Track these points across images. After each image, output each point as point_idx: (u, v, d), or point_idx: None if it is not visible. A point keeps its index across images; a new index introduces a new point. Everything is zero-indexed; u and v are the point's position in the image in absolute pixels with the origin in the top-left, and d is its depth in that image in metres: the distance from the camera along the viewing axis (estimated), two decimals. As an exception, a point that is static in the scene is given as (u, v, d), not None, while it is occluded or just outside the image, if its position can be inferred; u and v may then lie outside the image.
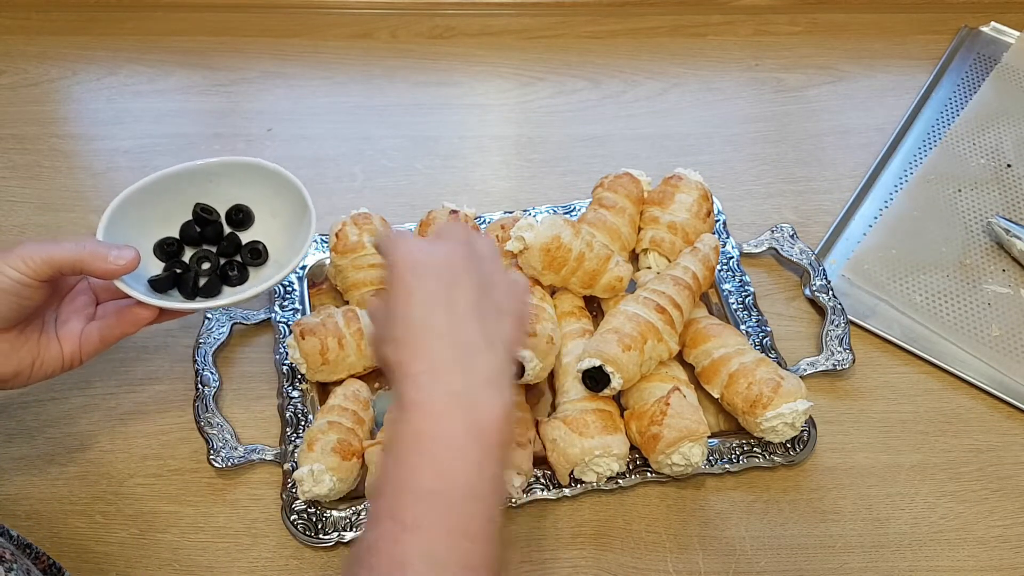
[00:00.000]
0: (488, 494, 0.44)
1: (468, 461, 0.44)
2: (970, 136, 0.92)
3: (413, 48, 1.02)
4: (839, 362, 0.73)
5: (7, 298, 0.55)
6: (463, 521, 0.43)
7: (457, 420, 0.44)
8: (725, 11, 1.06)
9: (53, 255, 0.55)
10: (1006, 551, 0.65)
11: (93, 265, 0.56)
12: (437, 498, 0.43)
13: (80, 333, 0.61)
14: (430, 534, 0.42)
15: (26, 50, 0.99)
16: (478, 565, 0.43)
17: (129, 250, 0.58)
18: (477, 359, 0.46)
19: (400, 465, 0.44)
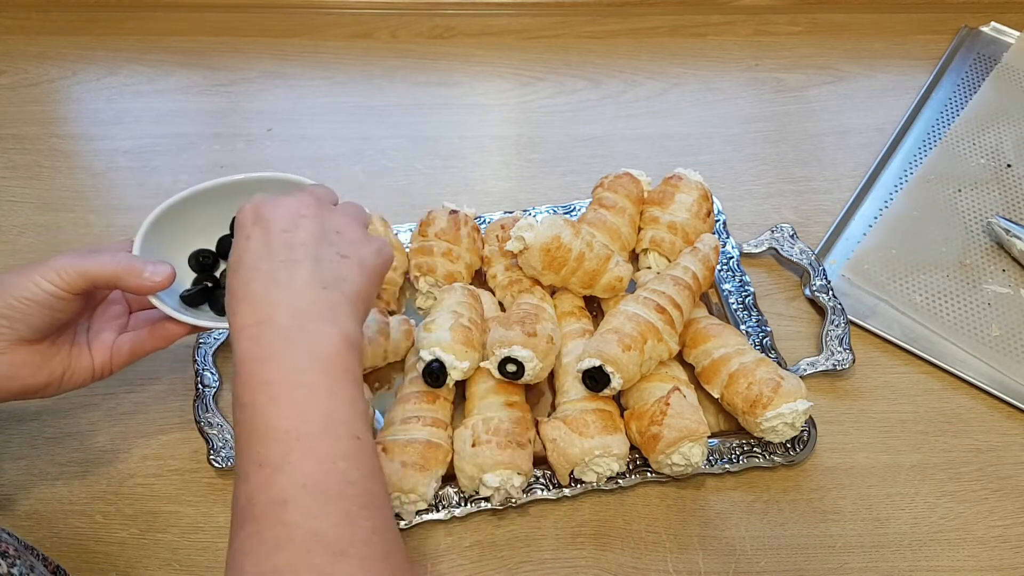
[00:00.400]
0: (349, 417, 0.45)
1: (318, 392, 0.45)
2: (970, 136, 0.92)
3: (413, 48, 1.02)
4: (839, 362, 0.73)
5: (40, 310, 0.55)
6: (329, 446, 0.44)
7: (298, 359, 0.46)
8: (725, 11, 1.06)
9: (88, 269, 0.55)
10: (1006, 551, 0.65)
11: (128, 281, 0.56)
12: (298, 433, 0.44)
13: (112, 344, 0.61)
14: (301, 466, 0.43)
15: (26, 50, 0.99)
16: (356, 479, 0.44)
17: (165, 266, 0.57)
18: (307, 297, 0.48)
19: (255, 415, 0.45)
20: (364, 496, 0.44)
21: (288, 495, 0.43)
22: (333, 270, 0.50)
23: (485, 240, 0.78)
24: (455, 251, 0.74)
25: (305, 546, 0.41)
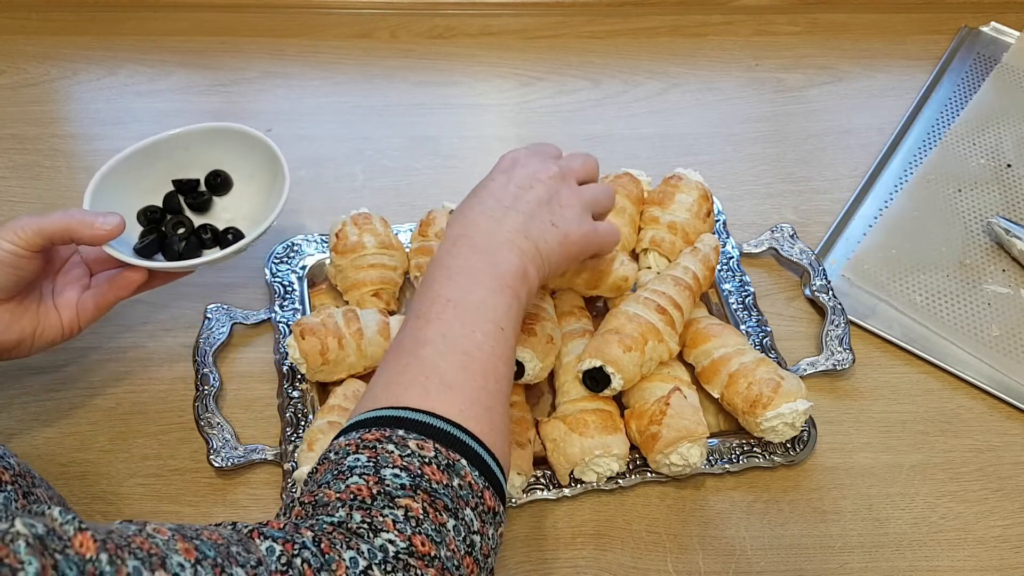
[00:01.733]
0: (501, 313, 0.53)
1: (484, 287, 0.53)
2: (970, 136, 0.92)
3: (413, 48, 1.02)
4: (839, 362, 0.73)
5: (3, 269, 0.58)
6: (475, 320, 0.52)
7: (477, 260, 0.54)
8: (725, 11, 1.06)
9: (43, 225, 0.58)
10: (1006, 551, 0.65)
11: (81, 232, 0.59)
12: (455, 303, 0.52)
13: (76, 302, 0.64)
14: (447, 322, 0.52)
15: (26, 50, 0.99)
16: (487, 350, 0.51)
17: (114, 216, 0.61)
18: (507, 235, 0.56)
19: (431, 285, 0.54)
20: (488, 364, 0.51)
21: (428, 338, 0.51)
22: (541, 229, 0.57)
23: (485, 240, 0.78)
24: (455, 251, 0.74)
25: (424, 373, 0.49)
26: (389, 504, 0.43)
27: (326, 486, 0.44)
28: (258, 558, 0.38)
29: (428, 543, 0.42)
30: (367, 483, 0.43)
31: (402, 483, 0.43)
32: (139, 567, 0.31)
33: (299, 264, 0.78)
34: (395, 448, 0.45)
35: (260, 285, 0.77)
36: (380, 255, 0.73)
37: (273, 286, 0.76)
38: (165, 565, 0.33)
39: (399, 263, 0.75)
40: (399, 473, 0.44)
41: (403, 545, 0.41)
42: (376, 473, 0.44)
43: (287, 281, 0.76)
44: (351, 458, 0.45)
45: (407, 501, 0.43)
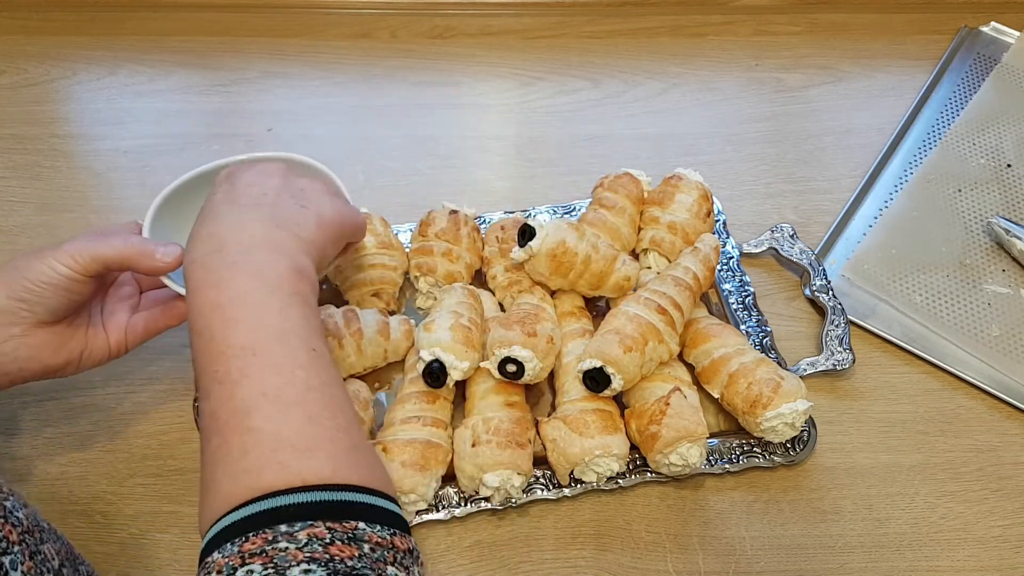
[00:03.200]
0: (302, 330, 0.47)
1: (269, 310, 0.47)
2: (970, 136, 0.92)
3: (413, 48, 1.02)
4: (839, 362, 0.73)
5: (57, 292, 0.57)
6: (285, 356, 0.46)
7: (247, 282, 0.48)
8: (725, 11, 1.06)
9: (101, 252, 0.57)
10: (1006, 551, 0.65)
11: (140, 263, 0.58)
12: (254, 349, 0.46)
13: (126, 324, 0.64)
14: (260, 377, 0.45)
15: (26, 50, 0.99)
16: (316, 385, 0.46)
17: (175, 247, 0.59)
18: (259, 232, 0.51)
19: (211, 338, 0.47)
20: (325, 399, 0.46)
21: (249, 404, 0.44)
22: (290, 215, 0.53)
23: (485, 241, 0.78)
24: (455, 251, 0.74)
25: (270, 446, 0.43)
26: None
27: None
28: None
29: None
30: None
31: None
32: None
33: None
34: (288, 544, 0.39)
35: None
36: (380, 255, 0.73)
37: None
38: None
39: (399, 263, 0.75)
40: (309, 568, 0.39)
41: None
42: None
43: (287, 281, 0.76)
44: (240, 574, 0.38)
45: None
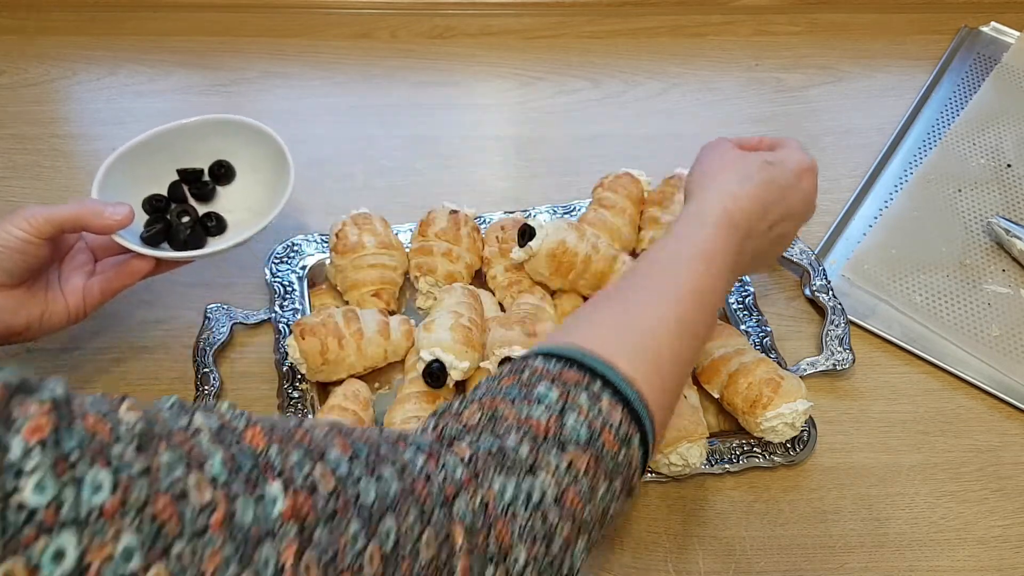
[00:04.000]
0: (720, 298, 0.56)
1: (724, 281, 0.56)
2: (970, 136, 0.92)
3: (413, 48, 1.02)
4: (839, 362, 0.73)
5: (13, 256, 0.59)
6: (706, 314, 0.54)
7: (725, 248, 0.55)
8: (725, 11, 1.06)
9: (54, 214, 0.60)
10: (1006, 551, 0.65)
11: (91, 221, 0.61)
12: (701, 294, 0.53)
13: (82, 288, 0.66)
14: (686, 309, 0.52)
15: (26, 50, 0.99)
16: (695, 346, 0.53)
17: (123, 206, 0.62)
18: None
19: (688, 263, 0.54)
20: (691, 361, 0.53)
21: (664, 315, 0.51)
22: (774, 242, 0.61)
23: (485, 241, 0.78)
24: (455, 251, 0.74)
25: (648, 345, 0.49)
26: (559, 448, 0.43)
27: (509, 402, 0.44)
28: (402, 463, 0.38)
29: (578, 500, 0.42)
30: (547, 421, 0.43)
31: (578, 437, 0.43)
32: (302, 459, 0.33)
33: (299, 264, 0.78)
34: (586, 399, 0.44)
35: (260, 285, 0.77)
36: (380, 255, 0.73)
37: (273, 286, 0.76)
38: (324, 458, 0.35)
39: (399, 263, 0.75)
40: (579, 425, 0.43)
41: (554, 493, 0.41)
42: (560, 414, 0.43)
43: (287, 281, 0.76)
44: (543, 387, 0.44)
45: (575, 454, 0.43)
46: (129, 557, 0.25)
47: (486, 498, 0.39)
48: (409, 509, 0.36)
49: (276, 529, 0.31)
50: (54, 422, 0.26)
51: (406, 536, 0.35)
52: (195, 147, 0.73)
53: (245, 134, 0.73)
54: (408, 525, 0.36)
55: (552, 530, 0.41)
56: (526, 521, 0.40)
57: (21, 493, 0.24)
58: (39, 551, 0.24)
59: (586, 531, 0.43)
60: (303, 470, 0.33)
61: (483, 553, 0.38)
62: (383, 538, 0.35)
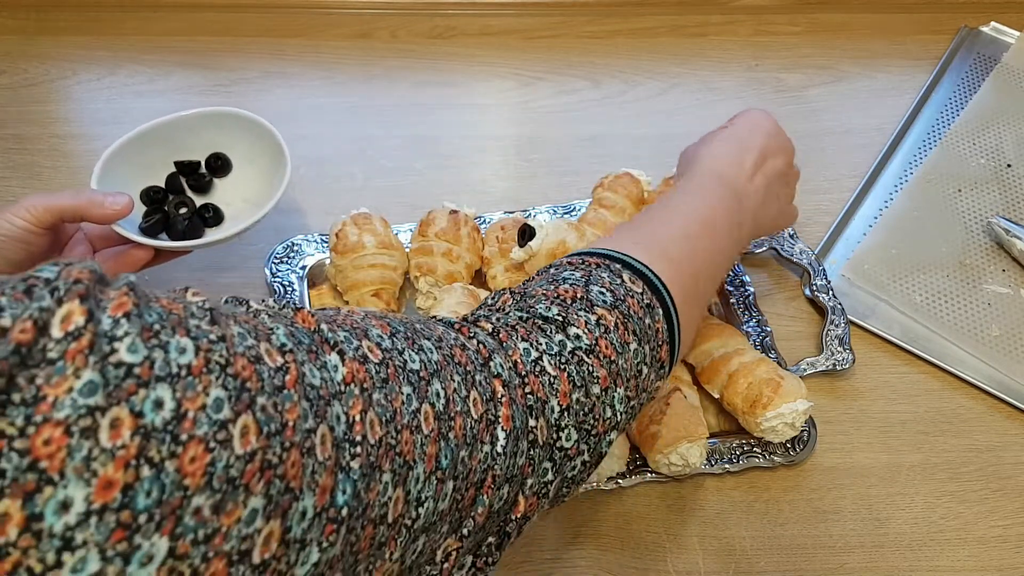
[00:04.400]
0: None
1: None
2: (970, 136, 0.92)
3: (413, 48, 1.02)
4: (839, 362, 0.73)
5: (14, 244, 0.60)
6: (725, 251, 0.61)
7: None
8: (725, 11, 1.06)
9: (54, 203, 0.61)
10: (1006, 551, 0.65)
11: (91, 211, 0.62)
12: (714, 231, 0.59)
13: None
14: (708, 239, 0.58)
15: (26, 50, 0.99)
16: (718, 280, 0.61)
17: (123, 196, 0.63)
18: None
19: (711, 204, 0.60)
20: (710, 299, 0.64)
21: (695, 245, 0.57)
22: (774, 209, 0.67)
23: (485, 240, 0.78)
24: (455, 251, 0.74)
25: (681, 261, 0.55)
26: (586, 308, 0.47)
27: (538, 286, 0.49)
28: (439, 335, 0.42)
29: (610, 348, 0.46)
30: (573, 289, 0.48)
31: (604, 300, 0.48)
32: (348, 336, 0.36)
33: (299, 264, 0.78)
34: (608, 275, 0.49)
35: (260, 285, 0.77)
36: (380, 255, 0.73)
37: (273, 286, 0.76)
38: (367, 334, 0.38)
39: (399, 263, 0.75)
40: (604, 292, 0.48)
41: (588, 342, 0.45)
42: (585, 286, 0.48)
43: (287, 281, 0.76)
44: (567, 272, 0.50)
45: (603, 311, 0.47)
46: (220, 408, 0.28)
47: (513, 357, 0.43)
48: (453, 374, 0.40)
49: (341, 391, 0.34)
50: (134, 300, 0.28)
51: (454, 397, 0.39)
52: (192, 139, 0.74)
53: (241, 126, 0.74)
54: (455, 387, 0.39)
55: (588, 375, 0.45)
56: (558, 371, 0.44)
57: (118, 353, 0.26)
58: (140, 400, 0.26)
59: (623, 380, 0.47)
60: (351, 344, 0.36)
61: (522, 404, 0.42)
62: (433, 398, 0.38)
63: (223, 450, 0.27)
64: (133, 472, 0.25)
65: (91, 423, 0.25)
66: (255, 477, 0.28)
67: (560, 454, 0.44)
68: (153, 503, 0.25)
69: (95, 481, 0.24)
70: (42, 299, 0.26)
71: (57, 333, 0.25)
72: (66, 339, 0.25)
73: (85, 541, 0.24)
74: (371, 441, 0.34)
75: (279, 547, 0.29)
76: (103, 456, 0.25)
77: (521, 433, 0.42)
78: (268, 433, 0.29)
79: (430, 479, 0.37)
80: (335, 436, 0.32)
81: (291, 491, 0.29)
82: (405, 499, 0.35)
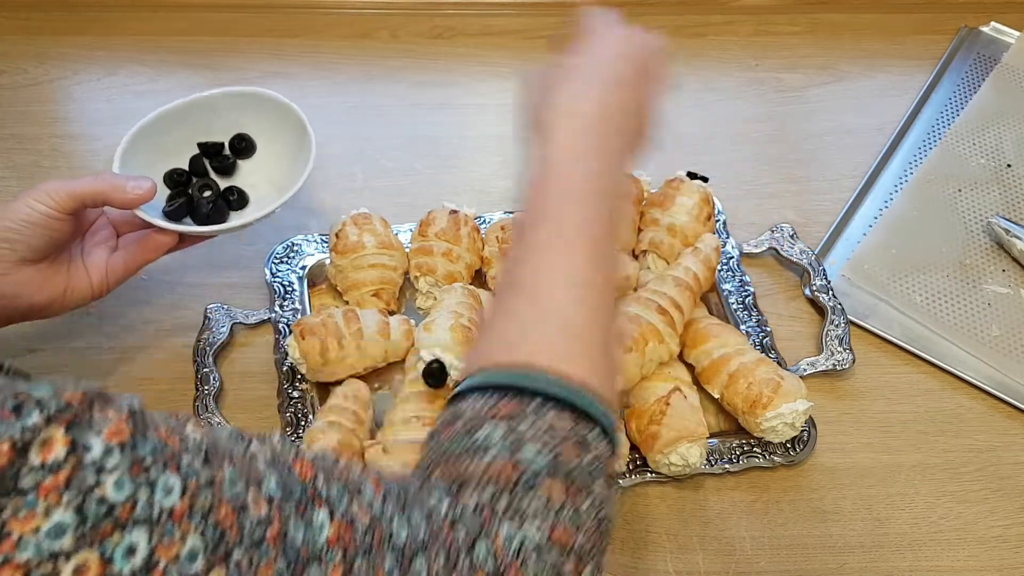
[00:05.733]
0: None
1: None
2: (970, 136, 0.92)
3: (413, 48, 1.01)
4: (839, 362, 0.73)
5: (36, 230, 0.59)
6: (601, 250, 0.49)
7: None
8: (725, 11, 1.06)
9: (75, 188, 0.59)
10: (1006, 551, 0.65)
11: (113, 195, 0.61)
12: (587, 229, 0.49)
13: (105, 263, 0.65)
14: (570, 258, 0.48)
15: (26, 50, 0.99)
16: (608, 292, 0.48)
17: (146, 180, 0.62)
18: None
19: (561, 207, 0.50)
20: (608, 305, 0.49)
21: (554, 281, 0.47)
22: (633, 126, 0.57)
23: (485, 241, 0.78)
24: (455, 251, 0.74)
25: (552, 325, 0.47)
26: (531, 489, 0.42)
27: (460, 458, 0.43)
28: (429, 508, 0.40)
29: (567, 531, 0.43)
30: (505, 465, 0.42)
31: (539, 467, 0.42)
32: (341, 492, 0.35)
33: (299, 264, 0.78)
34: (529, 425, 0.43)
35: (260, 285, 0.77)
36: (380, 255, 0.73)
37: (273, 286, 0.76)
38: (360, 493, 0.36)
39: (399, 263, 0.75)
40: (537, 455, 0.42)
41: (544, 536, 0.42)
42: (512, 456, 0.42)
43: (287, 281, 0.76)
44: (484, 430, 0.43)
45: (548, 485, 0.42)
46: (194, 559, 0.27)
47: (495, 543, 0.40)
48: (438, 552, 0.38)
49: (323, 554, 0.32)
50: (131, 429, 0.27)
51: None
52: (215, 120, 0.72)
53: (265, 106, 0.72)
54: (438, 567, 0.37)
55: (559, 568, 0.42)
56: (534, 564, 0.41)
57: (102, 488, 0.25)
58: (113, 545, 0.25)
59: (588, 558, 0.44)
60: (343, 503, 0.35)
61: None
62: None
63: None
64: None
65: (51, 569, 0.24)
66: None
67: None
68: None
69: None
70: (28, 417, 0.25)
71: (35, 460, 0.24)
72: (43, 470, 0.24)
73: None
74: None
75: None
76: None
77: None
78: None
79: None
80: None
81: None
82: None
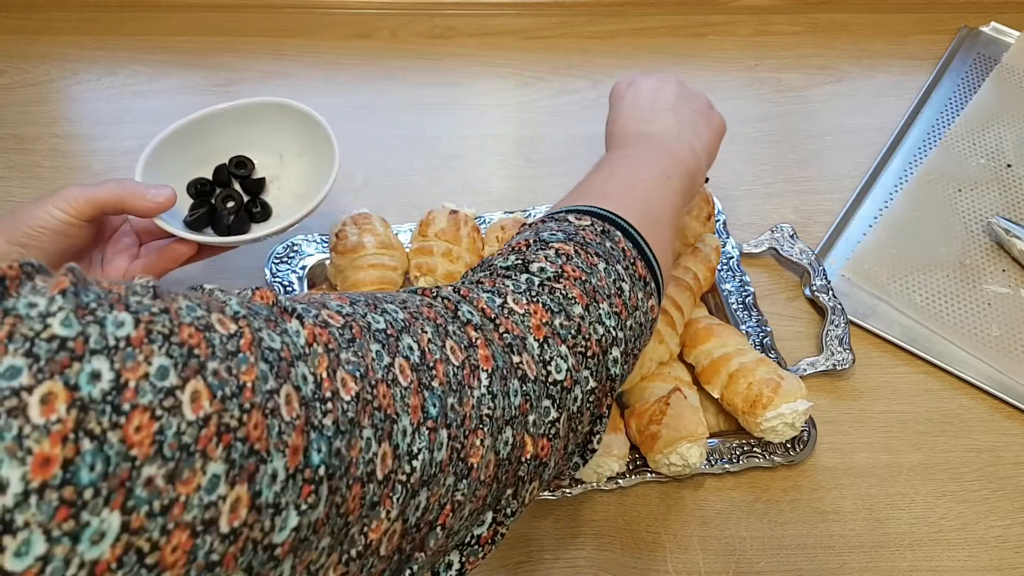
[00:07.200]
0: None
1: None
2: (970, 136, 0.92)
3: (413, 48, 1.02)
4: (839, 362, 0.73)
5: (54, 237, 0.58)
6: None
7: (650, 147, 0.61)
8: (725, 11, 1.06)
9: (95, 195, 0.59)
10: (1006, 551, 0.65)
11: (132, 203, 0.60)
12: None
13: (125, 270, 0.64)
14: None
15: (26, 50, 0.99)
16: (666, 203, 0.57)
17: (166, 189, 0.61)
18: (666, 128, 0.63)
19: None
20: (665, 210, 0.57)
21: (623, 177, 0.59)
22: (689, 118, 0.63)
23: (485, 241, 0.78)
24: (455, 251, 0.74)
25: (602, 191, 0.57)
26: (542, 247, 0.48)
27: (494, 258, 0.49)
28: (402, 299, 0.42)
29: (578, 271, 0.46)
30: (525, 240, 0.49)
31: (556, 236, 0.48)
32: (307, 306, 0.36)
33: (299, 264, 0.78)
34: (554, 223, 0.50)
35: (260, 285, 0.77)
36: (380, 255, 0.73)
37: (273, 286, 0.76)
38: (326, 305, 0.38)
39: (399, 263, 0.75)
40: (555, 232, 0.49)
41: (553, 271, 0.46)
42: (536, 234, 0.49)
43: (287, 281, 0.76)
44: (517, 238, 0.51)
45: (559, 244, 0.48)
46: (164, 375, 0.27)
47: (479, 305, 0.43)
48: (424, 327, 0.40)
49: (305, 352, 0.33)
50: (72, 279, 0.27)
51: (430, 347, 0.39)
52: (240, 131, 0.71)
53: (294, 118, 0.71)
54: (428, 338, 0.39)
55: (563, 298, 0.45)
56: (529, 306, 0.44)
57: (50, 329, 0.25)
58: (75, 373, 0.25)
59: (603, 296, 0.46)
60: (310, 313, 0.36)
61: (500, 344, 0.42)
62: (406, 351, 0.37)
63: (172, 417, 0.26)
64: (72, 446, 0.24)
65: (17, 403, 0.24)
66: (212, 442, 0.27)
67: (556, 388, 0.43)
68: (98, 477, 0.24)
69: (30, 459, 0.23)
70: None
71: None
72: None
73: (27, 522, 0.23)
74: (344, 398, 0.33)
75: (250, 513, 0.28)
76: (36, 433, 0.24)
77: (508, 371, 0.41)
78: (223, 397, 0.28)
79: (419, 430, 0.36)
80: (303, 395, 0.31)
81: (256, 453, 0.28)
82: (394, 453, 0.34)
